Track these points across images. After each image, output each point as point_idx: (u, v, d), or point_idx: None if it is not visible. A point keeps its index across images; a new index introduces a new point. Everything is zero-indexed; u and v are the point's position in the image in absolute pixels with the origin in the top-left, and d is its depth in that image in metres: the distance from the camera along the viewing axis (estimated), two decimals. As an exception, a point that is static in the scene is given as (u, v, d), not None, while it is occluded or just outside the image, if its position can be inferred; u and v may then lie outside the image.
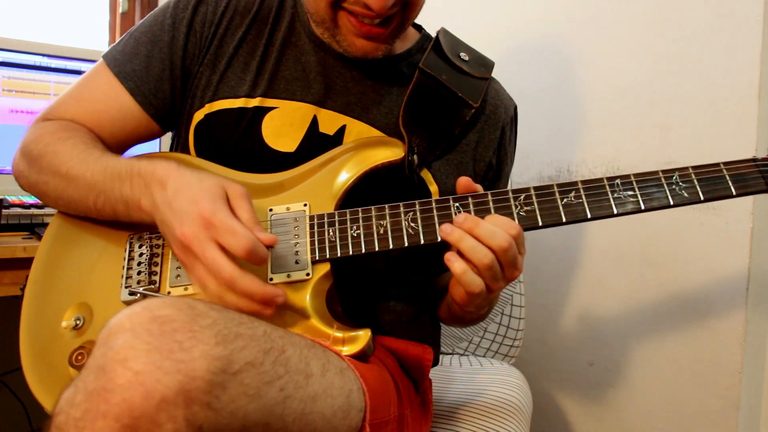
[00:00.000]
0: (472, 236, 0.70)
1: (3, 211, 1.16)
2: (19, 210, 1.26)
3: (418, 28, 0.98)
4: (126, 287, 0.80)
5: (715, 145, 1.19)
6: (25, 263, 0.95)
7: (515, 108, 0.96)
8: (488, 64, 0.93)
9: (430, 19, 1.00)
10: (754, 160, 0.76)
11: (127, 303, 0.78)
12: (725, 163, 0.76)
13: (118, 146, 0.90)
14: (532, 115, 1.43)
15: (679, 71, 1.24)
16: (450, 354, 1.42)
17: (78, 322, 0.79)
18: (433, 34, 0.94)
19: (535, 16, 1.48)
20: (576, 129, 1.41)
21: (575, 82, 1.41)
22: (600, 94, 1.37)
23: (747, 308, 1.17)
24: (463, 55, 0.91)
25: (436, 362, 0.95)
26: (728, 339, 1.19)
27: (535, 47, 1.47)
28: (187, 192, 0.69)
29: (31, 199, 1.29)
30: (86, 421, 0.48)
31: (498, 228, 0.70)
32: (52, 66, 1.44)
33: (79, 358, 0.77)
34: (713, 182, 0.75)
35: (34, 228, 1.21)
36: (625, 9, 1.32)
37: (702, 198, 0.74)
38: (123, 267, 0.81)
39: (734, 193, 0.75)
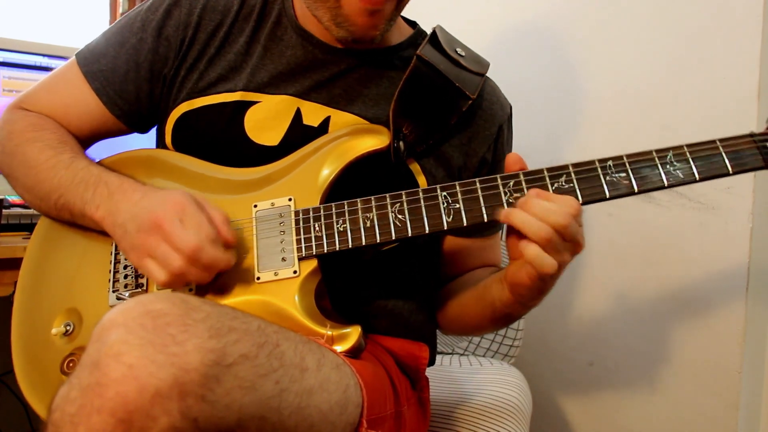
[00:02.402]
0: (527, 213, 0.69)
1: (3, 211, 1.16)
2: (19, 210, 1.26)
3: (413, 24, 0.98)
4: (113, 291, 0.79)
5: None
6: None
7: (511, 108, 0.96)
8: (484, 63, 0.92)
9: (426, 18, 1.00)
10: (751, 135, 0.73)
11: None
12: (721, 140, 0.72)
13: (84, 140, 0.92)
14: (531, 115, 1.43)
15: (679, 71, 1.24)
16: (450, 354, 1.42)
17: (68, 328, 0.78)
18: (429, 31, 0.94)
19: (533, 15, 1.48)
20: (575, 129, 1.41)
21: (575, 82, 1.41)
22: (600, 94, 1.36)
23: (746, 308, 1.17)
24: (459, 50, 0.90)
25: (432, 361, 0.94)
26: (728, 338, 1.19)
27: (534, 47, 1.47)
28: (157, 193, 0.74)
29: (31, 199, 1.29)
30: (81, 417, 0.48)
31: (554, 205, 0.68)
32: (52, 66, 1.43)
33: (71, 365, 0.76)
34: (709, 160, 0.72)
35: (34, 228, 1.21)
36: (626, 9, 1.32)
37: (697, 177, 0.71)
38: (110, 271, 0.80)
39: (731, 171, 0.71)
